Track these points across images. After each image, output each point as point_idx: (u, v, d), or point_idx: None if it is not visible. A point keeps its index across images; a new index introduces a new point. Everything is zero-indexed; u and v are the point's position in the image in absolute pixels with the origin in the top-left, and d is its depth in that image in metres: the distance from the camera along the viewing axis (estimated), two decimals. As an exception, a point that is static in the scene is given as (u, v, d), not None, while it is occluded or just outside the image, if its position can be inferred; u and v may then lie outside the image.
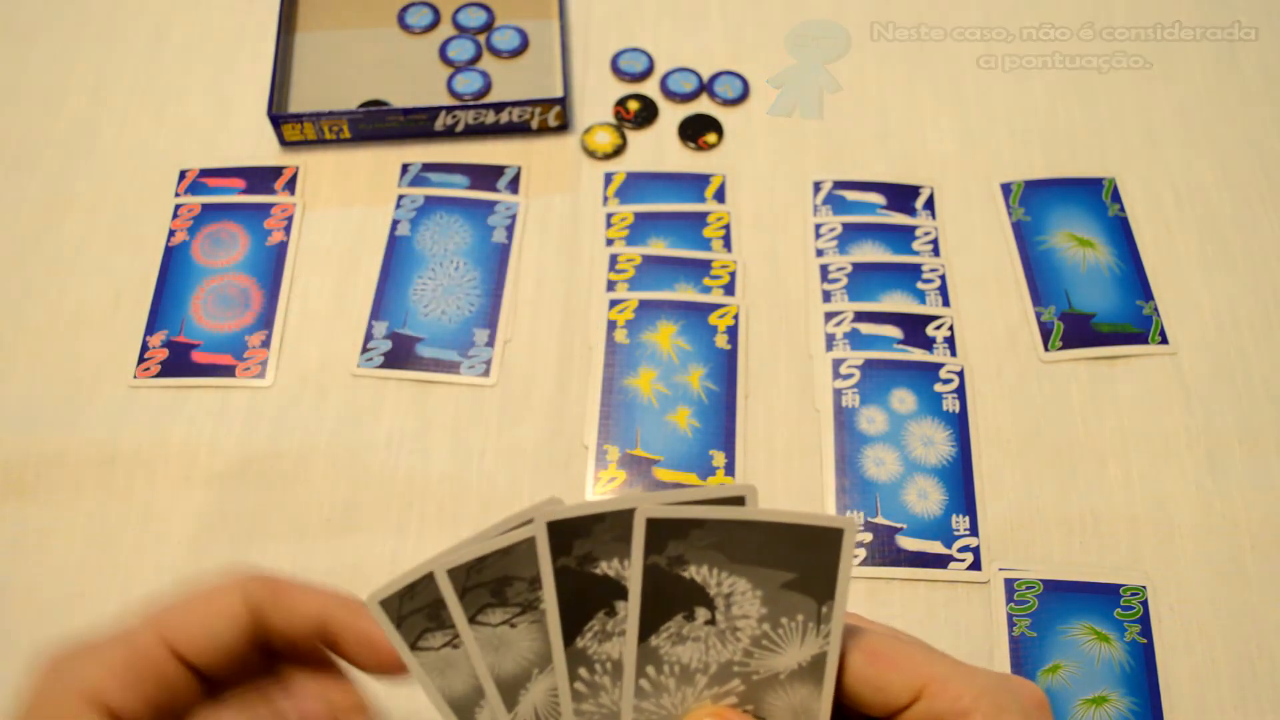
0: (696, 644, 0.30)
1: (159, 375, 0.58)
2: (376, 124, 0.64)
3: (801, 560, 0.29)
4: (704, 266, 0.61)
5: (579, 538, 0.30)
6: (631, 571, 0.29)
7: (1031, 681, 0.33)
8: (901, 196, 0.63)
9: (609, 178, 0.64)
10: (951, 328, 0.59)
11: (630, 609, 0.30)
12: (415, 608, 0.31)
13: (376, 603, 0.31)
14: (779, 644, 0.30)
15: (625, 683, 0.30)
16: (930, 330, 0.59)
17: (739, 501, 0.30)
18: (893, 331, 0.59)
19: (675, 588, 0.30)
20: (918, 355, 0.58)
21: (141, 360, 0.58)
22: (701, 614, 0.30)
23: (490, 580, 0.30)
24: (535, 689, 0.31)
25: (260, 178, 0.64)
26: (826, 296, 0.60)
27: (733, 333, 0.59)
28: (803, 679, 0.31)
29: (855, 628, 0.32)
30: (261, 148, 0.65)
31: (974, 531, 0.53)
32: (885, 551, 0.53)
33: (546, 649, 0.31)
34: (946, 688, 0.30)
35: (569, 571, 0.30)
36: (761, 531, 0.29)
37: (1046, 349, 0.58)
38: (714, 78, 0.68)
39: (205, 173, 0.64)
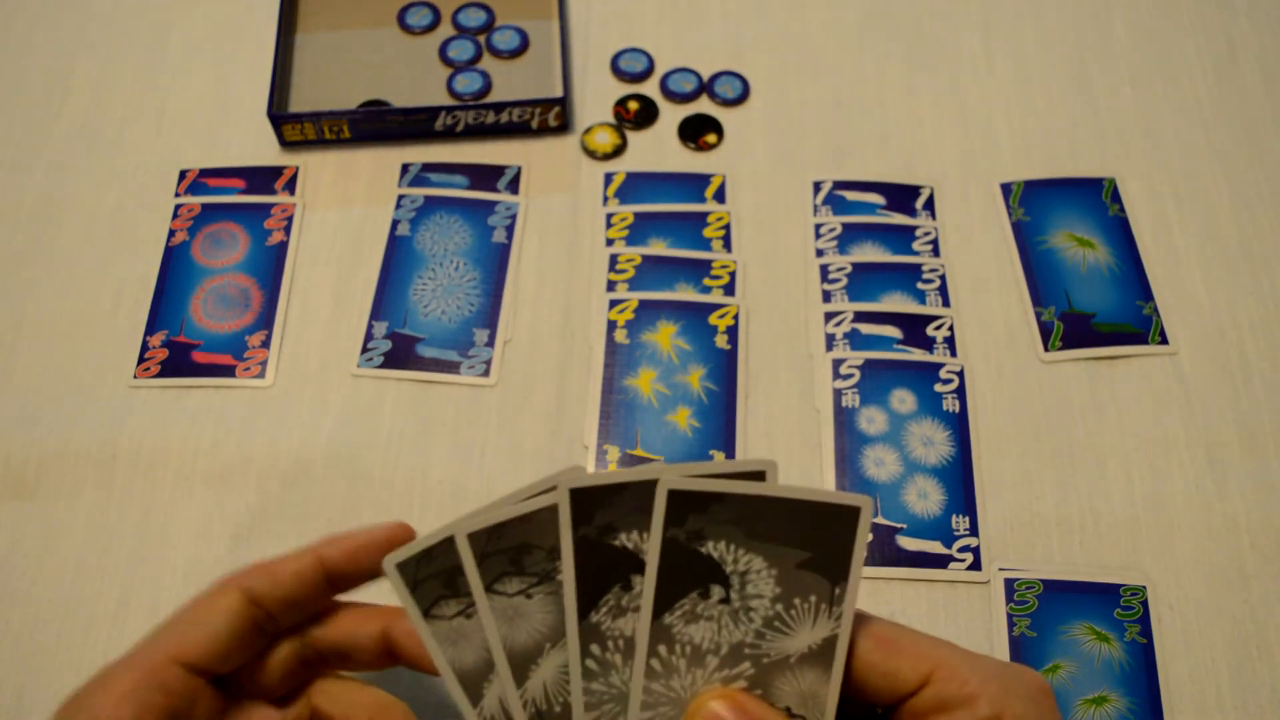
0: (709, 623, 0.30)
1: (159, 375, 0.58)
2: (376, 124, 0.64)
3: (817, 539, 0.29)
4: (704, 266, 0.61)
5: (600, 507, 0.29)
6: (650, 544, 0.29)
7: (1035, 670, 0.33)
8: (901, 196, 0.63)
9: (609, 178, 0.64)
10: (951, 328, 0.59)
11: (646, 583, 0.30)
12: (431, 573, 0.30)
13: (393, 565, 0.30)
14: (791, 625, 0.30)
15: (636, 661, 0.30)
16: (930, 330, 0.59)
17: (759, 477, 0.29)
18: (893, 331, 0.59)
19: (692, 563, 0.30)
20: (918, 355, 0.58)
21: (141, 360, 0.58)
22: (716, 592, 0.30)
23: (509, 547, 0.30)
24: (546, 665, 0.31)
25: (260, 178, 0.64)
26: (826, 296, 0.60)
27: (733, 333, 0.59)
28: (812, 663, 0.31)
29: (862, 614, 0.32)
30: (261, 148, 0.65)
31: (974, 531, 0.53)
32: (885, 551, 0.53)
33: (560, 622, 0.30)
34: (954, 673, 0.30)
35: (588, 542, 0.30)
36: (780, 508, 0.29)
37: (1046, 349, 0.58)
38: (714, 78, 0.68)
39: (205, 173, 0.64)
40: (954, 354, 0.58)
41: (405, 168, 0.64)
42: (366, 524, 0.36)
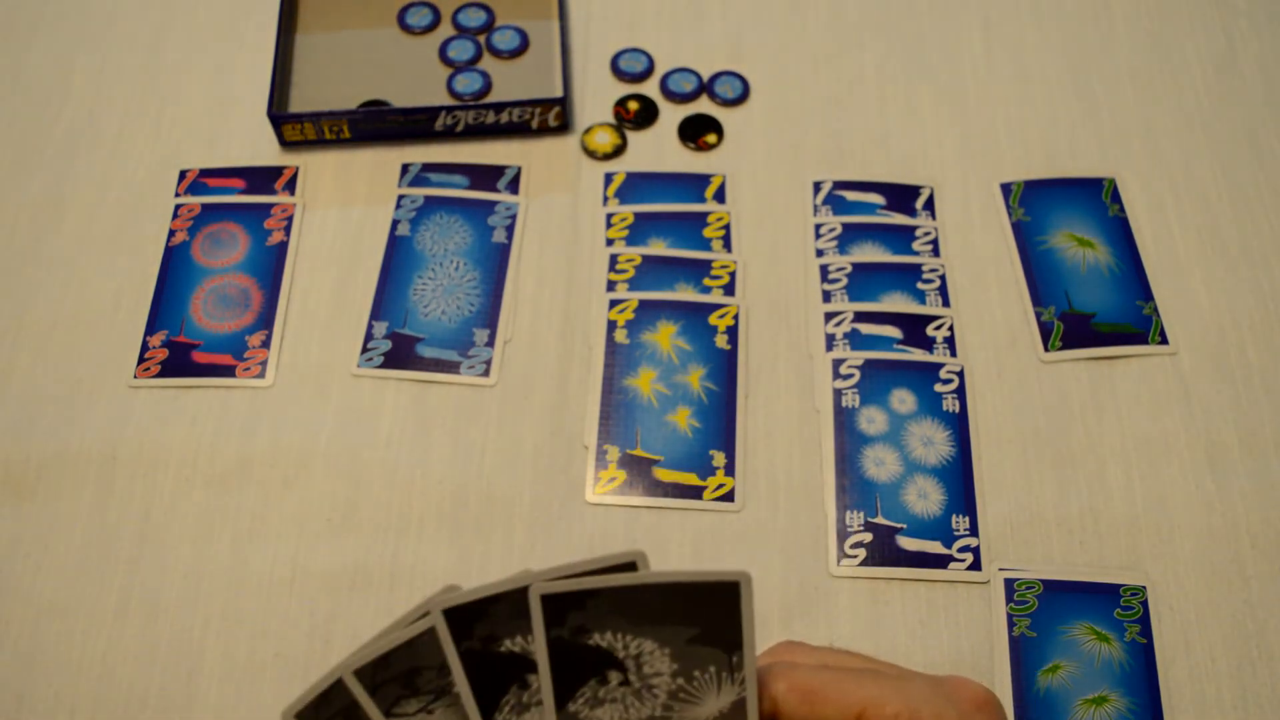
0: (614, 705, 0.31)
1: (159, 375, 0.58)
2: (376, 124, 0.64)
3: (702, 616, 0.30)
4: (704, 266, 0.61)
5: (478, 620, 0.30)
6: (536, 646, 0.30)
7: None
8: (901, 196, 0.63)
9: (609, 178, 0.64)
10: (951, 328, 0.59)
11: (542, 681, 0.30)
12: (331, 713, 0.31)
13: (292, 716, 0.31)
14: (696, 695, 0.31)
15: None
16: (930, 330, 0.59)
17: (630, 567, 0.30)
18: (893, 331, 0.59)
19: (583, 655, 0.30)
20: (918, 355, 0.58)
21: (141, 360, 0.58)
22: (614, 676, 0.31)
23: (399, 674, 0.31)
24: None
25: (260, 178, 0.64)
26: (826, 296, 0.60)
27: (733, 333, 0.59)
28: None
29: (785, 665, 0.32)
30: (261, 148, 0.65)
31: (974, 531, 0.53)
32: (885, 551, 0.53)
33: None
34: (882, 710, 0.31)
35: (475, 653, 0.30)
36: (657, 593, 0.30)
37: (1046, 349, 0.58)
38: (714, 78, 0.68)
39: (205, 173, 0.64)
40: (954, 354, 0.58)
41: (405, 168, 0.64)
42: None
